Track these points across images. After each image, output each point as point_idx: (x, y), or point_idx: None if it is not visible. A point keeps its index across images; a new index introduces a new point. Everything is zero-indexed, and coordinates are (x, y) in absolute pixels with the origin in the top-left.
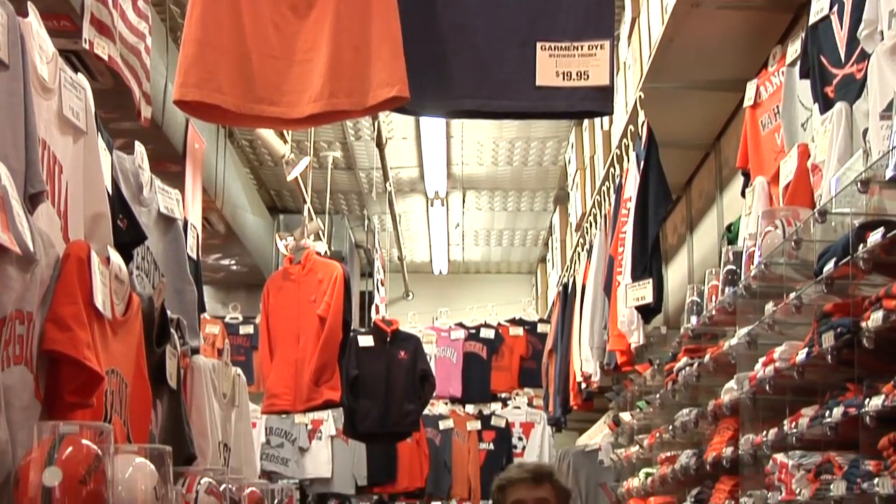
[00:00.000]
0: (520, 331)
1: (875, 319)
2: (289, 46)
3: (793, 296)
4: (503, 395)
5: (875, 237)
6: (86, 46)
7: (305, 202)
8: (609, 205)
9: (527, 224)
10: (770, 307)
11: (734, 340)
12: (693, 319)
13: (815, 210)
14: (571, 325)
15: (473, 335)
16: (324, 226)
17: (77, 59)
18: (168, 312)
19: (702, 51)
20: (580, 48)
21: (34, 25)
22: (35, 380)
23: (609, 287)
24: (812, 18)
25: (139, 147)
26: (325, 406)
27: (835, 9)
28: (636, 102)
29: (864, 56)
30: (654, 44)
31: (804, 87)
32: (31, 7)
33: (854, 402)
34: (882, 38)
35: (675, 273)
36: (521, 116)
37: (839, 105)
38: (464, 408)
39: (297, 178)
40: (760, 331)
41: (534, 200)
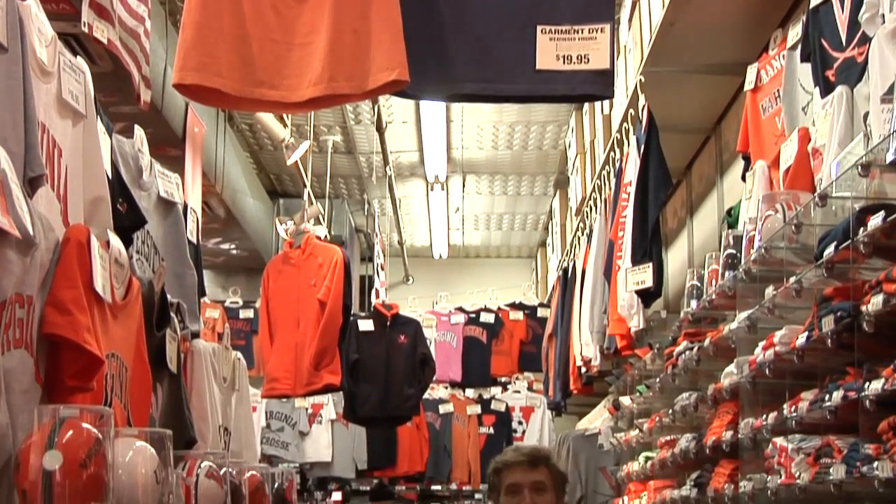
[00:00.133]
0: (520, 315)
1: (875, 303)
2: (288, 30)
3: (793, 280)
4: (503, 380)
5: (875, 221)
6: (85, 30)
7: (305, 186)
8: (609, 189)
9: (527, 208)
10: (770, 291)
11: (734, 324)
12: (693, 303)
13: (816, 194)
14: (571, 310)
15: (473, 319)
16: (324, 210)
17: (76, 43)
18: (168, 296)
19: (702, 34)
20: (580, 32)
21: (33, 8)
22: (35, 363)
23: (609, 271)
24: (813, 2)
25: (139, 131)
26: (326, 390)
27: None
28: (636, 86)
29: (866, 39)
30: (655, 27)
31: (805, 71)
32: None
33: (854, 386)
34: (883, 22)
35: (676, 257)
36: (521, 100)
37: (840, 89)
38: (464, 392)
39: (297, 163)
40: (760, 315)
41: (534, 185)
